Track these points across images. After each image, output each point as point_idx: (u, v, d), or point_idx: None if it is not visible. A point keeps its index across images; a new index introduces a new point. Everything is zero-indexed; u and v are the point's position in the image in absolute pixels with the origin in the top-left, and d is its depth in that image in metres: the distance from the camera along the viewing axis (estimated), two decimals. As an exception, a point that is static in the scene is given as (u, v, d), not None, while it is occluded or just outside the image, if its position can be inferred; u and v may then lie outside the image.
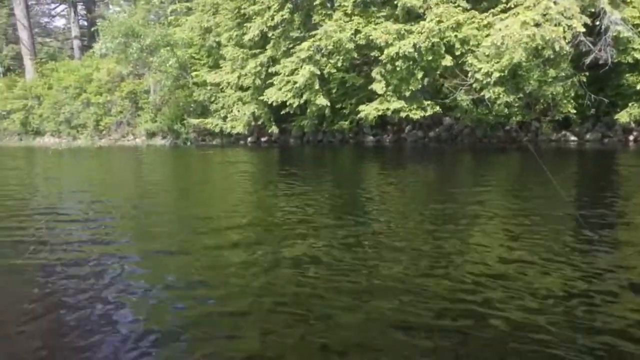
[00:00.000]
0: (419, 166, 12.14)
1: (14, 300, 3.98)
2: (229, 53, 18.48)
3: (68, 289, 4.16)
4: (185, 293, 4.04)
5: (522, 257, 4.51)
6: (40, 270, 4.72)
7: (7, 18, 36.77)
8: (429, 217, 6.43)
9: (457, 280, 3.98)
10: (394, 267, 4.40)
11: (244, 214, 7.28)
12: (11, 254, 5.21)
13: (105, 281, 4.29)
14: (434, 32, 13.76)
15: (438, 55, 14.18)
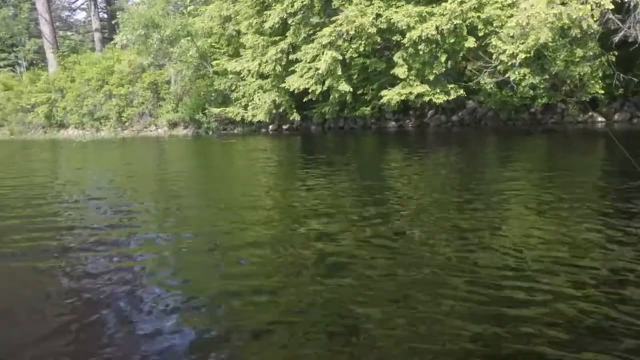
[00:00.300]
0: (444, 150, 11.95)
1: (44, 285, 4.00)
2: (249, 41, 18.39)
3: (96, 272, 4.19)
4: (212, 275, 4.05)
5: (561, 239, 4.37)
6: (68, 254, 4.76)
7: (29, 13, 37.12)
8: (459, 201, 6.29)
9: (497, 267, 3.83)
10: (424, 248, 4.32)
11: (269, 199, 7.25)
12: (42, 239, 5.27)
13: (133, 264, 4.37)
14: (457, 14, 13.51)
15: (461, 37, 13.94)
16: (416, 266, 3.97)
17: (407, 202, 6.39)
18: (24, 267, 4.49)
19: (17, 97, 31.71)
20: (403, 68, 14.82)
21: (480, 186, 7.18)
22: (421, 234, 4.88)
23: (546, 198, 6.13)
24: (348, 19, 14.72)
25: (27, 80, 32.39)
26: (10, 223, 6.24)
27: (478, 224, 5.04)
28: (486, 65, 14.33)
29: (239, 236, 5.17)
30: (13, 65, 37.70)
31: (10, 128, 31.92)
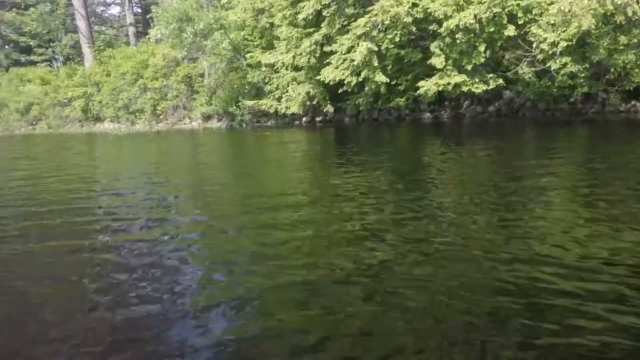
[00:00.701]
0: (481, 142, 11.72)
1: (80, 276, 4.07)
2: (283, 33, 18.35)
3: (132, 263, 4.28)
4: (246, 267, 4.08)
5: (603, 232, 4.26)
6: (104, 246, 4.87)
7: (65, 8, 37.76)
8: (498, 192, 6.20)
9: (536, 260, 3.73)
10: (461, 242, 4.26)
11: (305, 191, 7.27)
12: (81, 232, 5.43)
13: (169, 256, 4.40)
14: (496, 2, 13.22)
15: (500, 25, 13.65)
16: (455, 259, 3.91)
17: (445, 195, 6.36)
18: (60, 259, 4.55)
19: (54, 92, 32.28)
20: (440, 58, 14.60)
21: (520, 178, 7.04)
22: (461, 226, 4.78)
23: (588, 191, 6.00)
24: (383, 8, 14.55)
25: (64, 74, 32.95)
26: (51, 211, 6.47)
27: (518, 216, 4.98)
28: (525, 54, 14.04)
29: (275, 229, 5.13)
30: (50, 61, 38.43)
31: (48, 122, 32.52)
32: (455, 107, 18.82)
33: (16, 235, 5.48)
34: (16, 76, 35.82)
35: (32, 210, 6.76)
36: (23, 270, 4.32)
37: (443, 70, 14.75)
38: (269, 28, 21.26)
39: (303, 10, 16.96)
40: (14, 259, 4.66)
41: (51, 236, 5.29)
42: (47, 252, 4.77)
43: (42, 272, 4.24)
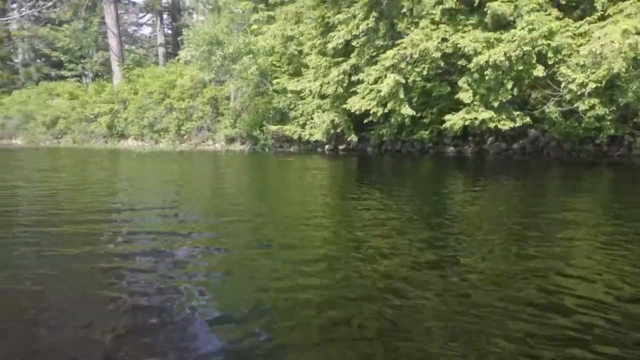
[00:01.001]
0: (505, 178, 11.70)
1: (94, 289, 4.17)
2: (312, 61, 18.57)
3: (149, 278, 4.38)
4: (261, 286, 4.13)
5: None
6: (121, 260, 4.98)
7: (98, 26, 38.61)
8: (521, 229, 6.18)
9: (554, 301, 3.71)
10: (481, 276, 4.28)
11: (325, 216, 7.36)
12: (98, 245, 5.58)
13: (185, 271, 4.54)
14: (526, 41, 13.28)
15: (529, 64, 13.68)
16: (472, 288, 3.94)
17: (465, 229, 6.27)
18: (77, 268, 4.73)
19: (81, 107, 32.87)
20: (468, 93, 14.64)
21: (542, 217, 7.00)
22: (478, 260, 4.77)
23: (611, 231, 5.95)
24: (413, 42, 14.69)
25: (92, 90, 33.56)
26: (70, 223, 6.66)
27: (539, 254, 4.90)
28: (553, 93, 14.03)
29: (291, 250, 5.25)
30: (80, 76, 39.20)
31: (73, 136, 33.04)
32: (479, 143, 18.79)
33: (33, 243, 5.67)
34: (45, 90, 36.57)
35: (54, 220, 6.92)
36: (39, 276, 4.49)
37: (470, 105, 14.77)
38: (297, 55, 21.55)
39: (333, 40, 17.17)
40: (32, 264, 4.89)
41: (71, 244, 5.54)
42: (65, 259, 5.00)
43: (57, 278, 4.47)
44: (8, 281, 4.38)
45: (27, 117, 35.77)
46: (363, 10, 16.33)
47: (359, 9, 16.46)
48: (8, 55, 44.07)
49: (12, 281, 4.36)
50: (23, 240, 5.79)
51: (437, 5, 15.13)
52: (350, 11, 16.74)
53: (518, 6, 14.01)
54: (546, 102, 14.73)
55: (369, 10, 16.25)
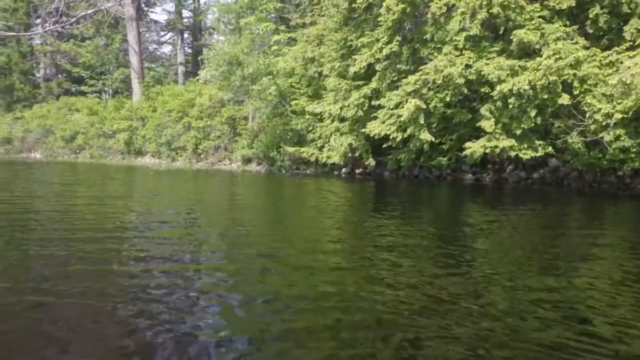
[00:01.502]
0: (524, 208, 11.45)
1: (105, 307, 4.23)
2: (332, 84, 18.51)
3: (161, 298, 4.44)
4: (272, 306, 4.25)
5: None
6: (133, 278, 5.07)
7: (120, 43, 39.08)
8: (538, 261, 6.09)
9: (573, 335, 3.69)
10: (499, 308, 4.27)
11: (341, 239, 7.40)
12: (111, 262, 5.69)
13: (197, 291, 4.64)
14: (552, 70, 13.11)
15: (554, 93, 13.47)
16: (488, 316, 3.95)
17: (482, 259, 6.23)
18: (90, 283, 4.79)
19: (100, 123, 33.07)
20: (490, 121, 14.43)
21: (563, 249, 6.99)
22: (498, 292, 4.73)
23: (633, 266, 5.89)
24: (436, 68, 14.57)
25: (112, 107, 33.80)
26: (88, 238, 6.86)
27: (560, 282, 4.95)
28: (578, 123, 13.80)
29: (305, 261, 5.56)
30: (100, 92, 39.58)
31: (91, 152, 33.19)
32: (498, 171, 18.54)
33: (51, 256, 5.83)
34: (65, 105, 36.91)
35: (72, 235, 7.07)
36: (57, 285, 4.68)
37: (492, 134, 14.56)
38: (316, 77, 21.54)
39: (355, 64, 17.09)
40: (50, 274, 5.13)
41: (89, 258, 5.75)
42: (85, 271, 5.23)
43: (73, 287, 4.67)
44: (26, 293, 4.51)
45: (47, 131, 36.07)
46: (387, 34, 16.22)
47: (383, 32, 16.37)
48: (30, 70, 44.63)
49: (31, 293, 4.49)
50: (40, 253, 5.96)
51: (461, 32, 15.01)
52: (373, 35, 16.66)
53: (544, 34, 13.86)
54: (569, 132, 14.50)
55: (393, 34, 16.16)
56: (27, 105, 41.15)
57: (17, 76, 42.24)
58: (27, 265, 5.58)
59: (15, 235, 7.05)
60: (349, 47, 18.10)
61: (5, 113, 41.09)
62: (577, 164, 15.74)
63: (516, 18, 14.29)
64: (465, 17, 14.54)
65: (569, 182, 16.98)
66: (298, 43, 22.96)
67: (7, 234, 7.15)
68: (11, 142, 38.41)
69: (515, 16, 14.27)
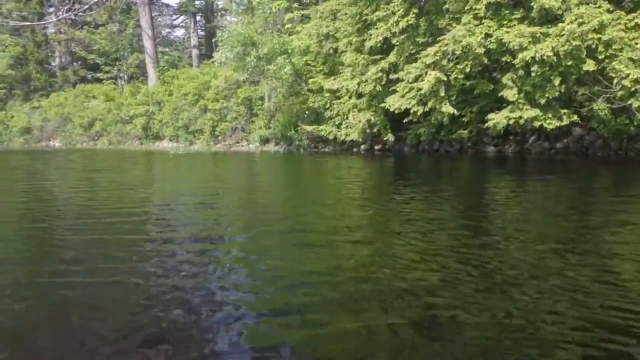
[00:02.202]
0: (550, 180, 11.23)
1: (123, 291, 4.26)
2: (349, 59, 18.22)
3: (178, 279, 4.45)
4: (294, 284, 4.20)
5: None
6: (151, 261, 5.11)
7: (133, 29, 38.98)
8: (567, 236, 5.86)
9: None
10: (525, 273, 4.25)
11: (364, 218, 7.26)
12: (133, 242, 5.83)
13: (215, 276, 4.58)
14: (576, 35, 12.70)
15: (579, 60, 13.09)
16: (517, 288, 3.88)
17: (510, 234, 6.01)
18: (107, 268, 4.81)
19: (117, 109, 33.17)
20: (513, 91, 14.09)
21: (594, 219, 6.81)
22: (525, 269, 4.53)
23: None
24: (455, 38, 14.22)
25: (128, 93, 33.87)
26: (106, 224, 6.87)
27: (589, 250, 4.90)
28: (605, 90, 13.42)
29: (327, 254, 5.19)
30: (116, 79, 39.65)
31: (109, 138, 33.36)
32: (520, 142, 18.21)
33: (77, 243, 5.94)
34: (82, 92, 37.05)
35: (97, 221, 7.11)
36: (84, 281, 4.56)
37: (515, 104, 14.22)
38: (332, 54, 21.25)
39: (372, 38, 16.77)
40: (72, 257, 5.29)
41: (114, 244, 5.77)
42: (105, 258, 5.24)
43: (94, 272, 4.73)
44: (63, 272, 4.69)
45: (65, 120, 36.30)
46: (403, 7, 15.86)
47: (399, 5, 16.00)
48: (46, 59, 44.82)
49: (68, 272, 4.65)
50: (82, 237, 6.20)
51: (481, 0, 14.59)
52: (389, 8, 16.29)
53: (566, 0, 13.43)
54: (594, 99, 14.12)
55: (410, 7, 15.80)
56: (44, 94, 41.40)
57: (34, 66, 42.48)
58: (64, 245, 5.88)
59: (53, 222, 7.37)
60: (364, 21, 17.74)
61: (23, 103, 41.43)
62: (604, 132, 15.37)
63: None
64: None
65: (594, 151, 16.63)
66: (312, 20, 22.62)
67: (48, 220, 7.53)
68: (30, 132, 38.76)
69: (536, -18, 13.85)
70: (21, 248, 5.86)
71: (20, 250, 5.75)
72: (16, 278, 4.57)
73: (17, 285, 4.36)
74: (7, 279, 4.51)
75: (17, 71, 41.81)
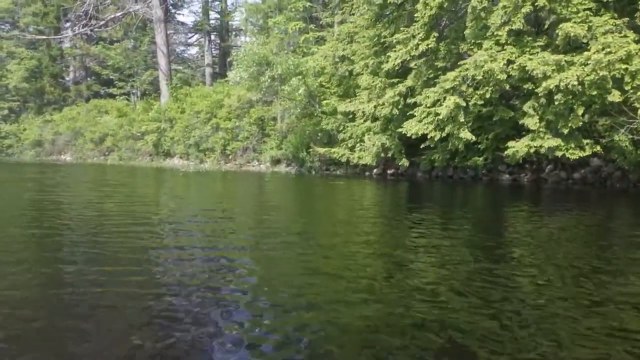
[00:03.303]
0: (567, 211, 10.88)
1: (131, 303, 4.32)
2: (365, 82, 18.02)
3: (184, 294, 4.52)
4: (304, 314, 4.10)
5: None
6: (175, 262, 5.44)
7: (148, 45, 39.15)
8: (585, 268, 5.69)
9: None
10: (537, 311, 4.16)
11: (374, 244, 7.14)
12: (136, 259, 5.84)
13: (222, 294, 4.58)
14: (602, 64, 12.45)
15: (604, 89, 12.81)
16: (530, 327, 3.79)
17: (525, 266, 5.88)
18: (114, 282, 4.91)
19: (129, 125, 33.16)
20: (534, 119, 13.80)
21: (613, 254, 6.58)
22: (542, 302, 4.45)
23: None
24: (477, 63, 14.00)
25: (140, 109, 33.89)
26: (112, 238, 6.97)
27: (607, 296, 4.62)
28: (629, 120, 13.11)
29: (340, 278, 5.14)
30: (128, 94, 39.72)
31: (120, 154, 33.31)
32: (536, 171, 17.85)
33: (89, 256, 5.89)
34: (95, 107, 37.16)
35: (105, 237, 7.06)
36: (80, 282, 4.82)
37: (535, 132, 13.91)
38: (347, 76, 21.10)
39: (390, 60, 16.57)
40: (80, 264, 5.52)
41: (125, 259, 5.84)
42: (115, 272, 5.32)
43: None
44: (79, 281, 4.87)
45: (76, 134, 36.34)
46: (423, 30, 15.69)
47: (419, 28, 15.83)
48: (60, 73, 45.09)
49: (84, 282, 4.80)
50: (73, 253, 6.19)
51: (503, 27, 14.38)
52: (409, 31, 16.12)
53: (592, 27, 13.19)
54: (615, 130, 13.81)
55: (429, 30, 15.63)
56: (57, 108, 41.57)
57: (48, 79, 42.68)
58: (79, 253, 6.20)
59: (64, 234, 7.61)
60: (382, 43, 17.59)
61: (35, 116, 41.59)
62: (624, 164, 15.01)
63: (562, 11, 13.63)
64: (507, 10, 13.92)
65: (612, 183, 16.25)
66: (328, 42, 22.54)
67: (60, 231, 7.75)
68: (42, 145, 38.82)
69: (560, 9, 13.63)
70: (28, 254, 6.06)
71: (27, 255, 5.97)
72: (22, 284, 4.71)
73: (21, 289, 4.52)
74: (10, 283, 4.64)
75: (31, 84, 41.99)
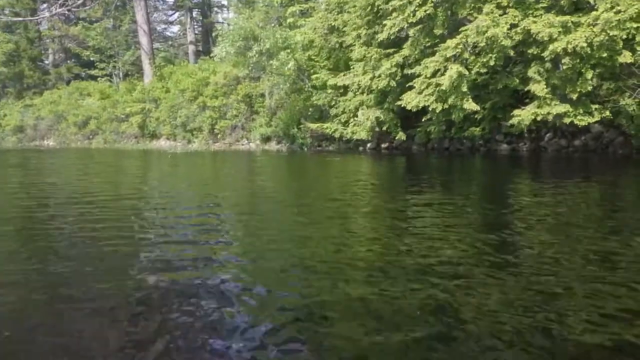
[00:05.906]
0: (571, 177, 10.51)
1: (124, 290, 4.12)
2: (359, 53, 17.26)
3: (176, 279, 4.34)
4: (301, 300, 3.89)
5: None
6: (154, 262, 4.94)
7: (128, 25, 38.01)
8: (591, 236, 5.48)
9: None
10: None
11: (375, 224, 6.76)
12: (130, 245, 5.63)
13: (214, 275, 4.40)
14: (612, 24, 11.81)
15: (613, 51, 12.21)
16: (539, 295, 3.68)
17: (530, 232, 5.74)
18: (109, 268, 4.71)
19: (112, 107, 32.21)
20: (540, 85, 13.19)
21: (623, 220, 6.37)
22: (550, 275, 4.17)
23: None
24: (479, 29, 13.29)
25: (124, 90, 32.94)
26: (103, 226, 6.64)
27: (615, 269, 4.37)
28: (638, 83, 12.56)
29: (337, 254, 4.97)
30: (111, 75, 38.64)
31: (104, 137, 32.40)
32: (535, 139, 17.35)
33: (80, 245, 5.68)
34: (76, 90, 36.12)
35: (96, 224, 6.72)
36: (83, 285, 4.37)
37: (541, 99, 13.32)
38: (337, 49, 20.34)
39: (385, 30, 15.77)
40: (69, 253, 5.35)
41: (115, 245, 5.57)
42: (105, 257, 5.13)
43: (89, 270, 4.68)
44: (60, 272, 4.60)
45: (59, 118, 35.32)
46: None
47: (417, -6, 14.97)
48: (39, 56, 43.79)
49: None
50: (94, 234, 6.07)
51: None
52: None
53: (599, -14, 12.53)
54: (621, 93, 13.27)
55: (428, -5, 14.76)
56: (37, 92, 40.39)
57: (26, 63, 41.42)
58: (60, 242, 5.90)
59: (50, 223, 7.15)
60: (375, 12, 16.75)
61: (15, 101, 40.44)
62: (630, 129, 14.52)
63: (565, -31, 12.95)
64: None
65: (614, 149, 15.81)
66: (316, 13, 21.69)
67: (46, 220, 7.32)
68: (23, 131, 37.71)
69: (564, -33, 12.94)
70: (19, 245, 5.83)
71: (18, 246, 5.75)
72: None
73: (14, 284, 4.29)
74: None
75: (9, 68, 40.76)
